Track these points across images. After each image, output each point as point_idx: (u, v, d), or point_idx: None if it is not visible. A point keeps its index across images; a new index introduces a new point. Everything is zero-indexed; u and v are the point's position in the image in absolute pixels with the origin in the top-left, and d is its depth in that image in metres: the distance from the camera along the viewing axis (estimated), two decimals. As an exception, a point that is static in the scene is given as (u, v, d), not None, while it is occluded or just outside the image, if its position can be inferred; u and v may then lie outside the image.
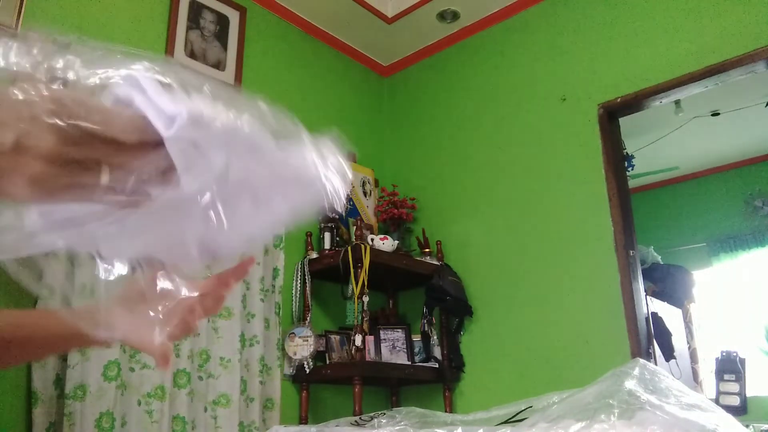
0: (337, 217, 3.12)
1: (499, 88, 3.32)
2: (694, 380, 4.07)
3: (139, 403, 2.22)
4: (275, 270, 2.84)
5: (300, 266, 2.99)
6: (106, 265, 0.53)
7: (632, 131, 4.10)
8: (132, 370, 2.24)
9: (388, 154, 3.76)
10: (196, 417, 2.39)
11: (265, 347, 2.70)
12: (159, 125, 0.43)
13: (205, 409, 2.43)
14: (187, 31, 2.83)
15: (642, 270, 2.80)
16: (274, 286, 2.82)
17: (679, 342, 3.78)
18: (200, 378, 2.45)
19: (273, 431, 1.88)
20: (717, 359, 2.64)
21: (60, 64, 0.44)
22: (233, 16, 3.03)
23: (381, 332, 3.02)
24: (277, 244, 2.88)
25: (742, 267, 5.27)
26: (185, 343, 2.38)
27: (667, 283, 4.33)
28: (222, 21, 2.98)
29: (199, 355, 2.46)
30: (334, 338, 2.95)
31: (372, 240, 2.94)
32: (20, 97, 0.40)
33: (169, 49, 2.74)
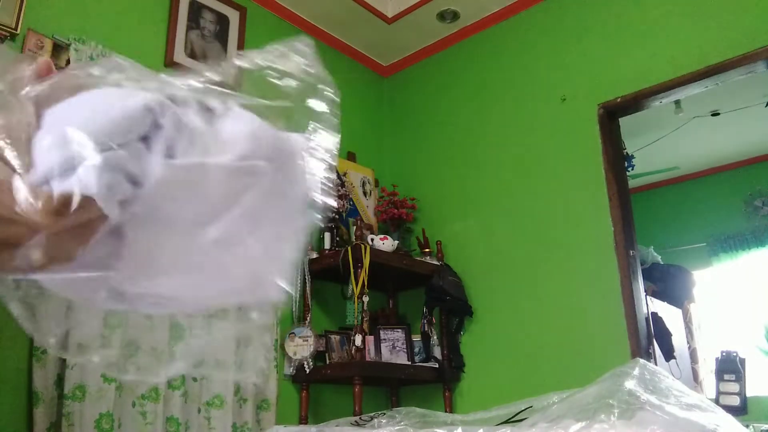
0: (337, 216, 3.12)
1: (499, 88, 3.32)
2: (694, 380, 4.07)
3: (134, 405, 2.22)
4: (275, 270, 2.84)
5: (300, 266, 2.98)
6: None
7: (632, 131, 4.10)
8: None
9: (388, 154, 3.76)
10: (189, 418, 2.39)
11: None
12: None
13: (199, 411, 2.43)
14: (187, 31, 2.83)
15: (642, 270, 2.80)
16: (273, 286, 2.82)
17: (679, 342, 3.78)
18: (194, 379, 2.44)
19: (273, 431, 1.88)
20: (717, 359, 2.63)
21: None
22: (233, 16, 3.03)
23: (381, 332, 3.02)
24: (277, 244, 2.87)
25: (742, 267, 5.27)
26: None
27: (667, 283, 4.33)
28: (222, 21, 2.98)
29: (194, 356, 2.46)
30: (334, 338, 2.95)
31: (372, 240, 2.94)
32: None
33: (169, 49, 2.74)
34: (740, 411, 2.45)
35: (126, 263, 0.41)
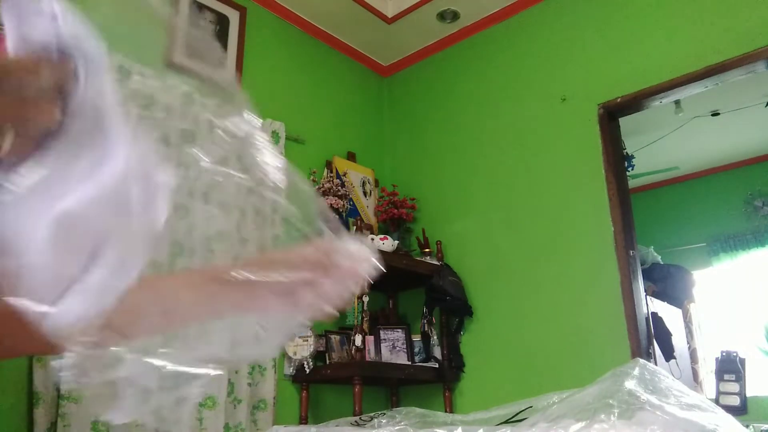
0: (336, 216, 3.12)
1: (499, 88, 3.32)
2: (694, 380, 4.07)
3: None
4: (275, 270, 2.83)
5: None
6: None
7: (632, 131, 4.10)
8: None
9: (388, 154, 3.76)
10: (180, 419, 2.38)
11: (257, 348, 2.68)
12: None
13: (190, 411, 2.42)
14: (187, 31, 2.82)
15: (642, 270, 2.80)
16: (273, 286, 2.82)
17: (679, 342, 3.78)
18: (186, 381, 2.44)
19: (272, 431, 1.88)
20: (717, 359, 2.63)
21: None
22: (233, 16, 3.03)
23: (381, 332, 3.02)
24: (276, 245, 2.87)
25: (742, 267, 5.27)
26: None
27: (667, 283, 4.33)
28: (222, 21, 2.98)
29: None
30: (334, 338, 2.95)
31: (372, 240, 2.94)
32: None
33: (169, 49, 2.73)
34: (740, 411, 2.45)
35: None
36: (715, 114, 4.49)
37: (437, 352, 3.05)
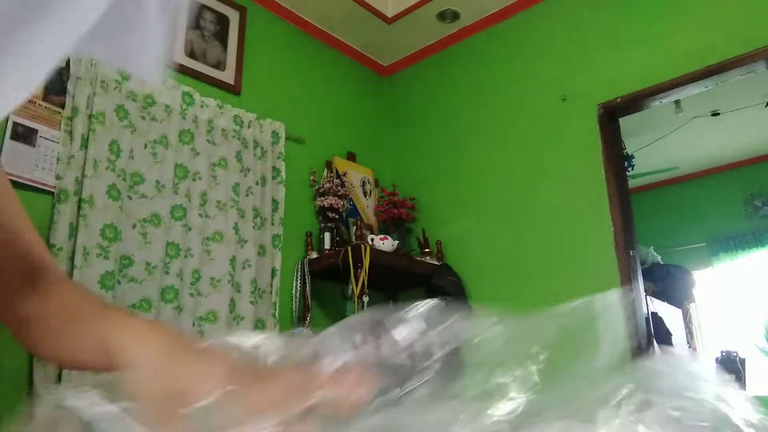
0: (337, 217, 3.12)
1: (499, 88, 3.32)
2: (694, 380, 4.06)
3: None
4: (273, 270, 2.83)
5: (300, 266, 2.98)
6: None
7: (632, 131, 4.10)
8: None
9: (388, 154, 3.76)
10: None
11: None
12: None
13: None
14: (186, 31, 2.83)
15: (642, 270, 2.80)
16: (272, 286, 2.82)
17: (679, 342, 3.78)
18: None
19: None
20: (717, 359, 2.64)
21: None
22: (233, 16, 3.03)
23: (381, 332, 3.02)
24: (276, 245, 2.87)
25: (742, 267, 5.27)
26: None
27: (667, 283, 4.33)
28: (222, 21, 2.98)
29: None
30: (334, 338, 2.94)
31: (372, 240, 2.94)
32: None
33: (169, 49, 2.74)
34: (740, 411, 2.45)
35: None
36: (715, 114, 4.49)
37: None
